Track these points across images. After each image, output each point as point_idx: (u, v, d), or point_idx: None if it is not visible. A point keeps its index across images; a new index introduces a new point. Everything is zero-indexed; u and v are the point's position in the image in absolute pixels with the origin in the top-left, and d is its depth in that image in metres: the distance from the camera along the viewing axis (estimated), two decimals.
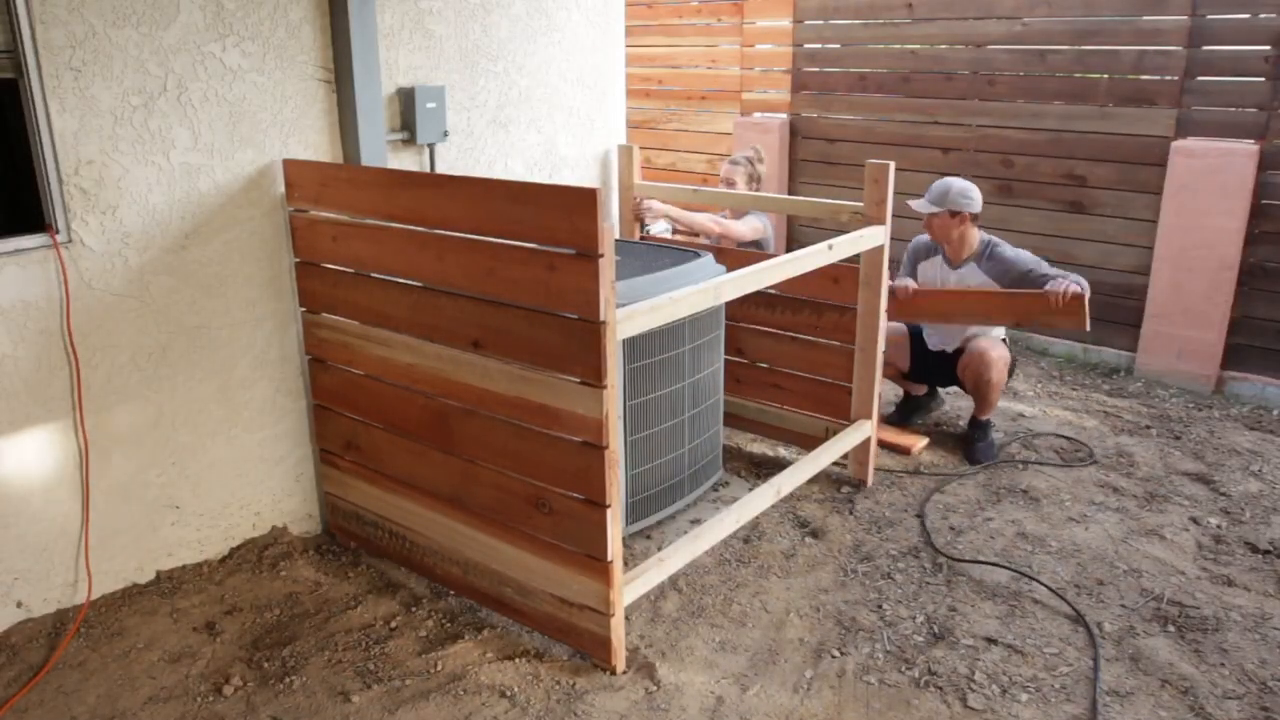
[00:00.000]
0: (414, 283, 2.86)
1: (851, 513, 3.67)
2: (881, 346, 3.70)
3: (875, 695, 2.67)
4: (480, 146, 3.78)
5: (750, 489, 3.61)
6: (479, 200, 2.61)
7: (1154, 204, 5.03)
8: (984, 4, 5.56)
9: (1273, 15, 4.65)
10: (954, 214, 4.05)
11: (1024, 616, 3.02)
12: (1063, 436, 4.35)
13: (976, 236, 4.15)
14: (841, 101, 6.31)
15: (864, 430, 3.75)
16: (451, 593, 3.12)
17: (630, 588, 2.73)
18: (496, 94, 3.80)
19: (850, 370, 3.76)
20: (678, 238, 4.84)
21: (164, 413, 3.09)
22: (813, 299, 3.86)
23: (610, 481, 2.54)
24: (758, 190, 4.80)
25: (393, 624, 2.98)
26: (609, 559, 2.59)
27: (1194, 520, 3.62)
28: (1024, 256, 4.05)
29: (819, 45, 6.40)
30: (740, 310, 4.00)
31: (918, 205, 4.12)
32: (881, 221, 3.49)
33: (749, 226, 4.68)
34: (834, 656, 2.84)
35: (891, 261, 3.65)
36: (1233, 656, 2.83)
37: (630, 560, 3.25)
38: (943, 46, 5.80)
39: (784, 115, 6.57)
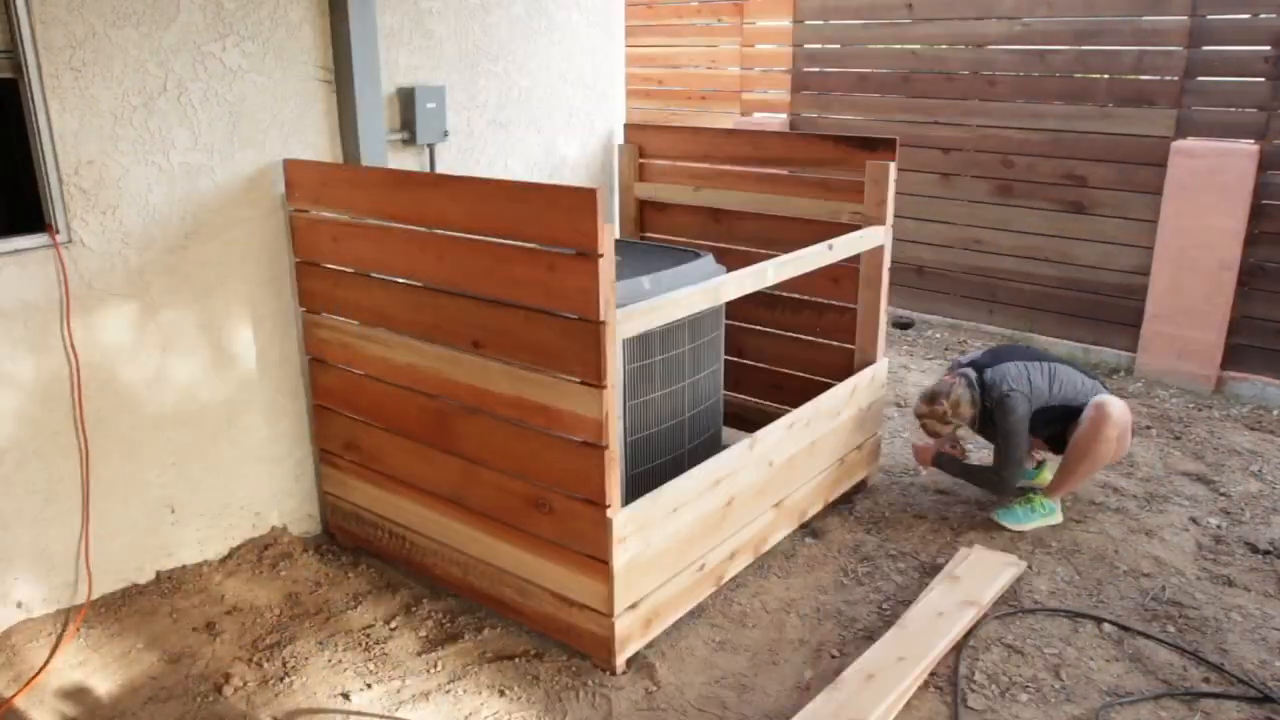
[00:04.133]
0: (414, 283, 2.86)
1: (852, 513, 3.67)
2: (883, 347, 3.70)
3: None
4: (480, 146, 3.78)
5: None
6: (479, 200, 2.61)
7: (1154, 204, 5.03)
8: (984, 4, 5.55)
9: (1273, 15, 4.64)
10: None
11: (1024, 617, 3.02)
12: None
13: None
14: (841, 101, 6.31)
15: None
16: (451, 593, 3.12)
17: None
18: (496, 94, 3.80)
19: (850, 370, 3.76)
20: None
21: (164, 413, 3.09)
22: (813, 299, 3.86)
23: (610, 482, 2.54)
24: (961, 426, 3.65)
25: (393, 624, 2.98)
26: (610, 559, 2.59)
27: (1194, 520, 3.62)
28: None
29: (819, 45, 6.40)
30: (740, 310, 4.00)
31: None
32: (881, 222, 3.49)
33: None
34: (834, 656, 2.84)
35: (893, 264, 3.64)
36: (1233, 656, 2.83)
37: None
38: (943, 46, 5.80)
39: (784, 115, 6.56)
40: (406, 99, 3.46)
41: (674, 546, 2.81)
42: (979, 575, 3.16)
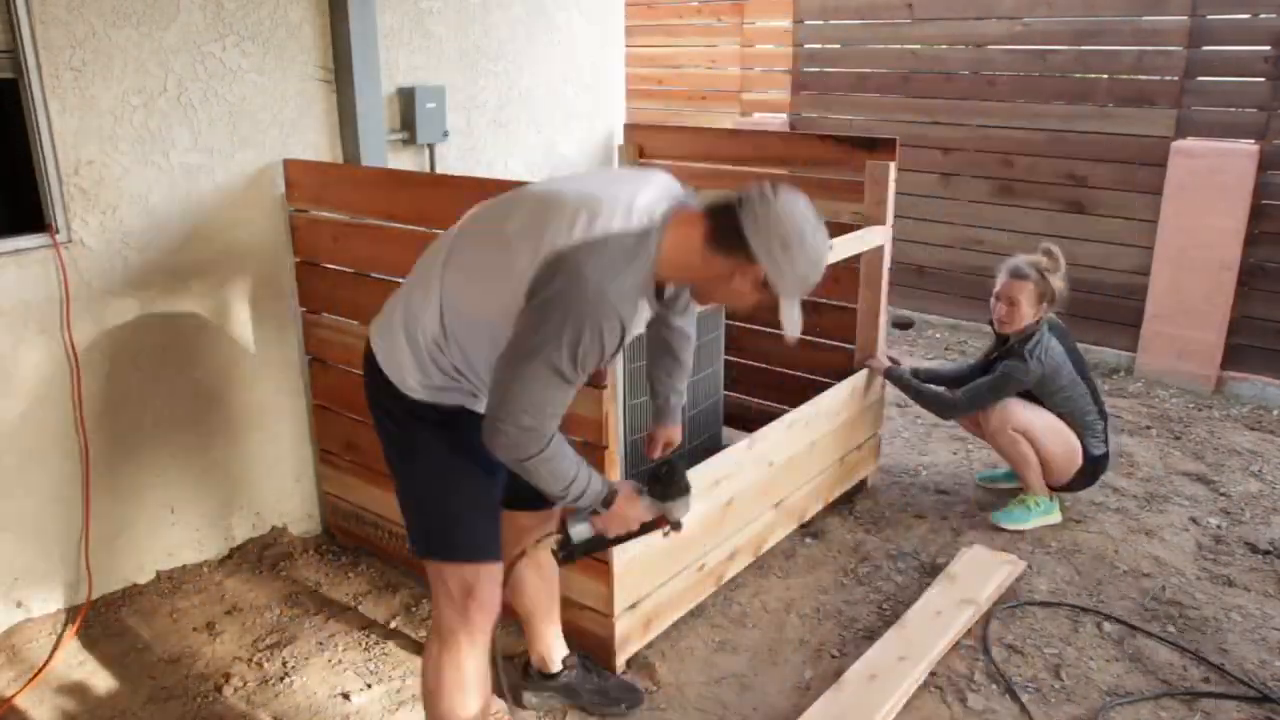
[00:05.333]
0: None
1: (851, 513, 3.67)
2: (883, 347, 3.70)
3: None
4: (480, 146, 3.78)
5: None
6: (479, 200, 2.60)
7: (1154, 204, 5.03)
8: (984, 4, 5.55)
9: (1273, 15, 4.64)
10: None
11: (1024, 617, 3.02)
12: None
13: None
14: (842, 101, 6.31)
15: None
16: None
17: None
18: (496, 94, 3.80)
19: (850, 370, 3.75)
20: None
21: (164, 412, 3.09)
22: (813, 299, 3.85)
23: None
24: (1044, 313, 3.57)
25: (393, 624, 2.98)
26: (610, 559, 2.59)
27: (1194, 520, 3.62)
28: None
29: (819, 45, 6.40)
30: (740, 310, 3.99)
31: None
32: (881, 222, 3.49)
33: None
34: (834, 657, 2.84)
35: (894, 264, 3.64)
36: (1233, 656, 2.83)
37: None
38: (943, 46, 5.80)
39: (784, 115, 6.56)
40: (406, 99, 3.46)
41: (674, 546, 2.81)
42: (978, 575, 3.16)
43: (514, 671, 2.60)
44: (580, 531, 2.10)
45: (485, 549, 2.06)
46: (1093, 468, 3.57)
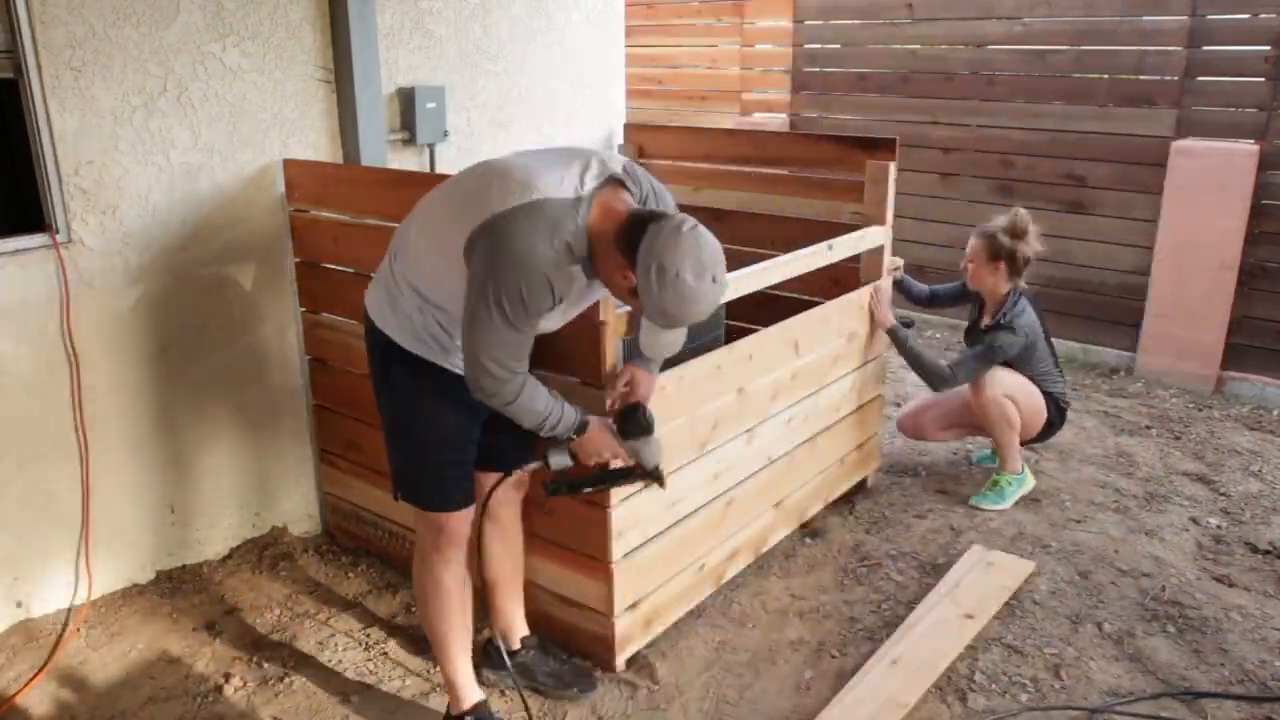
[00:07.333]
0: None
1: (852, 513, 3.67)
2: (883, 347, 3.70)
3: None
4: (480, 146, 3.78)
5: None
6: None
7: (1154, 204, 5.03)
8: (984, 4, 5.55)
9: (1273, 15, 4.64)
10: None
11: (1024, 616, 3.02)
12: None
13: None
14: (841, 102, 6.31)
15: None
16: None
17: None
18: (496, 94, 3.80)
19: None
20: None
21: (164, 412, 3.09)
22: (813, 299, 3.85)
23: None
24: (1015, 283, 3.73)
25: (393, 624, 2.98)
26: (610, 559, 2.59)
27: (1194, 520, 3.62)
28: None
29: (819, 45, 6.39)
30: (740, 310, 3.99)
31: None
32: (881, 222, 3.49)
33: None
34: (834, 657, 2.84)
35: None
36: (1233, 656, 2.83)
37: None
38: (943, 46, 5.79)
39: (784, 115, 6.56)
40: (406, 99, 3.46)
41: (674, 546, 2.81)
42: (978, 576, 3.16)
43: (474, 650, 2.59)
44: (559, 460, 2.27)
45: (456, 500, 2.32)
46: (1060, 413, 3.84)
